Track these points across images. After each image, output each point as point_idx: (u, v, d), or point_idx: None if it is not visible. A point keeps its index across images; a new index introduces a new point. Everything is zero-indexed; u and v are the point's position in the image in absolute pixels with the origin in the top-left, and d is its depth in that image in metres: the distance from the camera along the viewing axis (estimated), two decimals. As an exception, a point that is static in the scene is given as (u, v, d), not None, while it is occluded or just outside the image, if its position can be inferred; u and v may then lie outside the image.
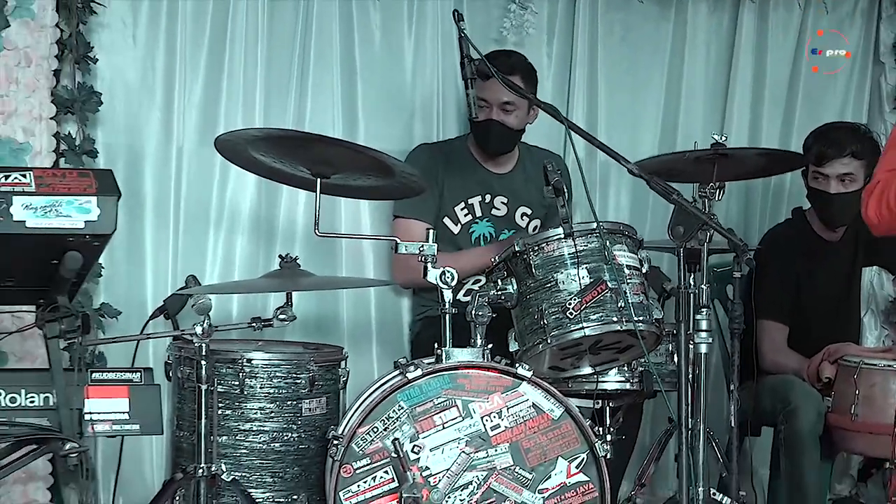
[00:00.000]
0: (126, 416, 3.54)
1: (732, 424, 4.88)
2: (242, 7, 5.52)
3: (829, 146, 5.49)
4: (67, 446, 3.46)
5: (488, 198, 5.56)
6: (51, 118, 4.78)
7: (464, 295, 4.60)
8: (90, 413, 3.48)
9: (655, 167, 4.86)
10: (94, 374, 3.52)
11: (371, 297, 5.82)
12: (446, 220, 5.51)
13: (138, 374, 3.58)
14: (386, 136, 5.77)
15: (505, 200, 5.60)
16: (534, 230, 5.50)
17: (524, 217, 5.59)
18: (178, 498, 4.78)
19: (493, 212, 5.59)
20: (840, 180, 5.48)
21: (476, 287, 4.67)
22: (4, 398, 3.44)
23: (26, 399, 3.45)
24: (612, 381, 4.86)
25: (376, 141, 5.57)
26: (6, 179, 3.30)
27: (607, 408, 4.91)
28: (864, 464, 6.05)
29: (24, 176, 3.32)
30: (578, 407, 4.66)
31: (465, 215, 5.56)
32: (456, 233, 5.53)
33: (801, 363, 5.48)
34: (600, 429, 4.83)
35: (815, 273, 5.66)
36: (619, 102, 6.19)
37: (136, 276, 5.46)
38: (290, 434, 4.82)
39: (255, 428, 4.78)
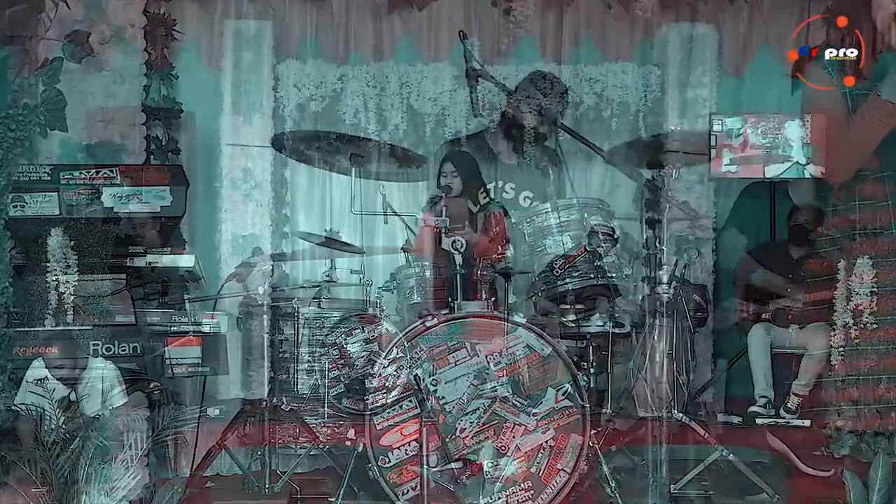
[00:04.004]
0: (198, 361, 3.56)
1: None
2: (294, 32, 5.51)
3: None
4: (151, 385, 3.49)
5: (500, 184, 5.54)
6: (142, 124, 4.77)
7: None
8: (170, 359, 3.51)
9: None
10: (172, 329, 3.54)
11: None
12: (468, 203, 5.46)
13: (208, 327, 3.59)
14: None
15: (513, 186, 5.58)
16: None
17: (526, 199, 5.55)
18: (248, 424, 4.82)
19: (504, 195, 5.56)
20: None
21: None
22: (102, 348, 3.46)
23: (119, 348, 3.47)
24: (594, 325, 4.84)
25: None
26: (98, 174, 3.34)
27: (591, 346, 4.89)
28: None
29: (112, 171, 3.35)
30: (567, 346, 4.67)
31: (484, 198, 5.54)
32: (475, 211, 5.51)
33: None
34: (585, 363, 4.83)
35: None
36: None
37: (214, 247, 5.43)
38: (337, 372, 4.83)
39: (308, 368, 4.80)
